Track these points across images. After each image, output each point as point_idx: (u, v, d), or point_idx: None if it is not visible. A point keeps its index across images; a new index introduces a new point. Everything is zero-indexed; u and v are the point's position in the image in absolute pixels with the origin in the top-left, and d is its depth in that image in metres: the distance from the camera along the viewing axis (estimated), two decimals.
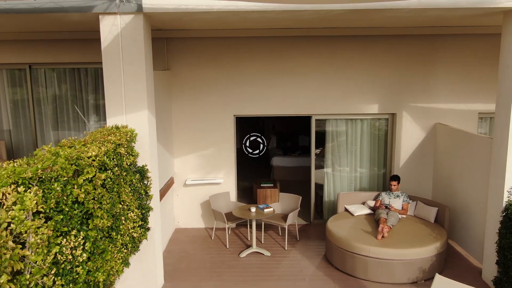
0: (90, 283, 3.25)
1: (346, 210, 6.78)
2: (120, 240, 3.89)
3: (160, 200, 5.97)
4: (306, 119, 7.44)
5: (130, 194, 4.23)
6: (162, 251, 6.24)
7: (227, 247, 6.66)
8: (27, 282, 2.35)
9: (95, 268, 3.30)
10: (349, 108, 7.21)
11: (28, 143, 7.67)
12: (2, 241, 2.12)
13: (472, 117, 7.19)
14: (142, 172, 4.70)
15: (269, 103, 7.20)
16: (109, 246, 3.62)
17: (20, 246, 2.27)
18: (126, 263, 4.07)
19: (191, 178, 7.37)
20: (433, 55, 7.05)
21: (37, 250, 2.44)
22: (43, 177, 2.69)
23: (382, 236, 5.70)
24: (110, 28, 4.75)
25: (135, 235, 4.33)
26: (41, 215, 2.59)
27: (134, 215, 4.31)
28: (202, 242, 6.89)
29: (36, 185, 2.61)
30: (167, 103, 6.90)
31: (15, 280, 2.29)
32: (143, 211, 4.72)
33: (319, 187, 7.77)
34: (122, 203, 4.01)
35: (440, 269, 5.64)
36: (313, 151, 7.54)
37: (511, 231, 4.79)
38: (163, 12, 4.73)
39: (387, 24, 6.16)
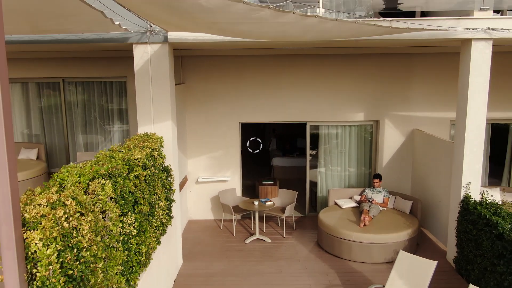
0: (138, 252, 4.39)
1: (336, 203, 7.92)
2: (154, 223, 5.03)
3: None
4: (302, 125, 8.60)
5: (160, 188, 5.38)
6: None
7: (234, 235, 7.81)
8: (107, 243, 3.49)
9: (140, 241, 4.45)
10: (338, 116, 8.36)
11: (61, 146, 8.83)
12: (96, 215, 3.26)
13: (445, 123, 8.32)
14: (167, 171, 5.84)
15: (269, 111, 8.34)
16: (148, 226, 4.76)
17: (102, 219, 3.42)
18: (158, 242, 5.21)
19: (202, 176, 8.52)
20: (410, 70, 8.19)
21: (113, 222, 3.59)
22: (112, 173, 3.84)
23: (364, 224, 6.83)
24: (141, 54, 5.90)
25: (163, 220, 5.48)
26: (112, 199, 3.74)
27: (163, 205, 5.46)
28: (212, 231, 8.03)
29: (107, 179, 3.76)
30: (182, 112, 8.05)
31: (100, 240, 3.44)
32: (168, 202, 5.86)
33: (313, 184, 8.91)
34: (155, 195, 5.15)
35: (412, 251, 6.77)
36: (308, 153, 8.68)
37: (465, 218, 5.94)
38: (183, 42, 5.88)
39: (370, 45, 7.30)
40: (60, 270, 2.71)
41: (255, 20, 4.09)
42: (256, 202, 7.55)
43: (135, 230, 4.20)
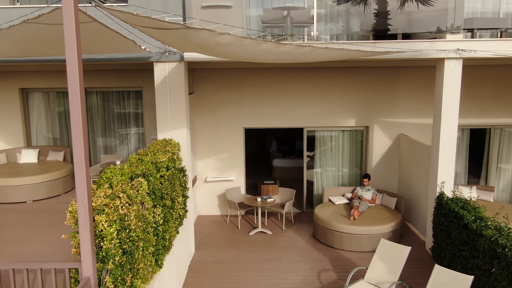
0: (163, 238, 5.36)
1: (330, 200, 8.88)
2: (174, 215, 6.00)
3: None
4: (301, 129, 9.56)
5: (178, 186, 6.34)
6: None
7: (239, 228, 8.77)
8: (144, 228, 4.46)
9: (165, 229, 5.42)
10: (332, 122, 9.32)
11: None
12: (138, 205, 4.23)
13: (428, 129, 9.28)
14: (183, 171, 6.81)
15: (270, 118, 9.30)
16: (170, 217, 5.73)
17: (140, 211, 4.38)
18: (177, 231, 6.18)
19: (210, 176, 9.49)
20: (396, 81, 9.15)
21: (148, 212, 4.56)
22: (145, 173, 4.81)
23: (354, 218, 7.80)
24: (161, 71, 6.87)
25: (180, 213, 6.44)
26: (147, 194, 4.70)
27: (181, 200, 6.42)
28: (220, 225, 9.00)
29: (143, 178, 4.73)
30: (192, 118, 9.01)
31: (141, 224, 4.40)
32: (184, 198, 6.83)
33: (310, 183, 9.87)
34: (175, 191, 6.12)
35: (396, 241, 7.72)
36: (305, 155, 9.65)
37: (439, 212, 6.90)
38: (197, 61, 6.85)
39: (360, 61, 8.26)
40: (118, 245, 3.68)
41: (259, 50, 5.07)
42: (259, 199, 8.51)
43: (161, 220, 5.17)
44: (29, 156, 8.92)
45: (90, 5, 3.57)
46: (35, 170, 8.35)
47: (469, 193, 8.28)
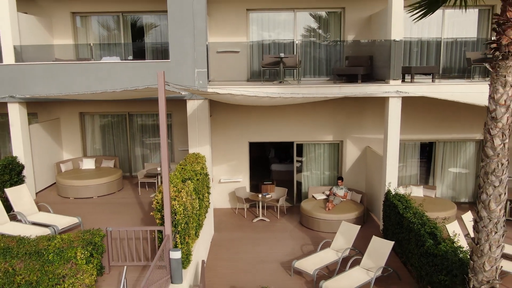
0: (198, 219, 8.37)
1: (313, 196, 11.88)
2: (203, 205, 9.00)
3: None
4: (291, 142, 12.50)
5: (205, 186, 9.35)
6: None
7: (245, 217, 11.77)
8: (192, 211, 7.47)
9: (199, 214, 8.42)
10: (315, 137, 12.31)
11: (125, 158, 12.82)
12: (189, 197, 7.24)
13: None
14: (207, 175, 9.81)
15: (268, 134, 12.29)
16: (202, 206, 8.73)
17: (197, 201, 7.40)
18: (205, 216, 9.18)
19: (223, 178, 12.48)
20: (363, 107, 12.12)
21: (193, 201, 7.57)
22: (190, 177, 7.82)
23: (328, 209, 10.79)
24: (191, 105, 9.88)
25: (206, 204, 9.45)
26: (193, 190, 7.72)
27: (207, 195, 9.43)
28: (230, 215, 11.99)
29: (191, 180, 7.75)
30: (210, 135, 12.01)
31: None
32: (208, 194, 9.83)
33: (299, 183, 12.86)
34: (203, 189, 9.12)
35: (360, 225, 10.70)
36: (295, 162, 12.64)
37: (386, 204, 9.86)
38: (216, 100, 9.86)
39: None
40: (182, 218, 6.70)
41: (260, 100, 8.10)
42: (260, 196, 11.51)
43: (198, 207, 8.18)
44: (88, 164, 11.93)
45: (167, 85, 6.59)
46: (95, 174, 11.37)
47: (405, 190, 11.30)
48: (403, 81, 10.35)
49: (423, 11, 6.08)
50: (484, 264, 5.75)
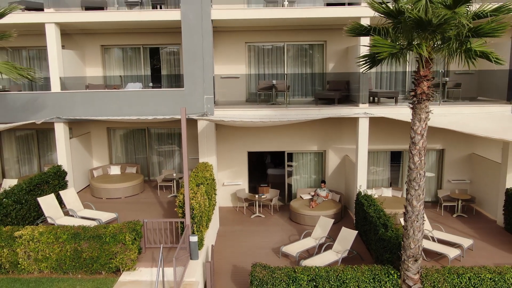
0: (208, 214, 10.87)
1: (300, 196, 14.38)
2: (211, 203, 11.49)
3: None
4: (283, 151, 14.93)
5: (213, 188, 11.85)
6: None
7: (244, 214, 14.27)
8: (204, 207, 9.98)
9: (209, 210, 10.92)
10: (303, 147, 14.81)
11: (144, 165, 15.37)
12: (203, 197, 9.75)
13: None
14: (214, 180, 12.31)
15: (263, 144, 14.79)
16: (211, 204, 11.24)
17: (207, 200, 9.91)
18: (212, 212, 11.68)
19: (226, 181, 14.99)
20: (342, 123, 14.60)
21: (204, 200, 10.09)
22: (202, 182, 10.34)
23: (312, 207, 13.29)
24: (201, 124, 12.39)
25: (214, 203, 11.95)
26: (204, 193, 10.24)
27: (214, 196, 11.93)
28: (232, 212, 14.49)
29: (203, 185, 10.26)
30: (215, 147, 14.51)
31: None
32: (215, 195, 12.33)
33: (290, 186, 15.36)
34: (212, 191, 11.62)
35: (338, 219, 13.18)
36: (286, 167, 15.14)
37: (357, 202, 12.36)
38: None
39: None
40: (198, 212, 9.22)
41: (255, 123, 10.62)
42: (257, 196, 14.02)
43: (208, 205, 10.69)
44: (115, 170, 14.46)
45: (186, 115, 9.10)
46: (122, 179, 13.88)
47: (377, 191, 13.81)
48: (372, 103, 12.88)
49: (369, 65, 8.57)
50: (410, 243, 8.25)
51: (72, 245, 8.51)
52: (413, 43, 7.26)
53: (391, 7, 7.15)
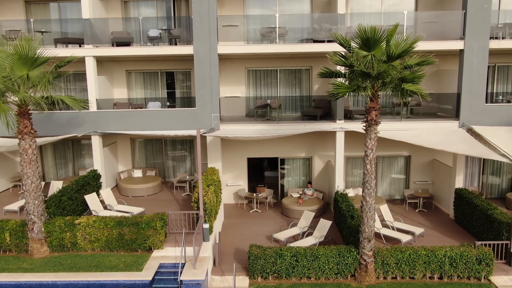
0: (216, 208, 13.90)
1: (291, 195, 17.39)
2: (218, 200, 14.50)
3: None
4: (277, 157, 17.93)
5: (219, 188, 14.87)
6: None
7: (244, 209, 17.28)
8: (214, 202, 13.00)
9: (217, 205, 13.93)
10: (293, 154, 17.80)
11: (160, 168, 18.44)
12: (211, 195, 12.78)
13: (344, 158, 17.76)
14: (219, 181, 15.32)
15: (260, 151, 17.79)
16: (218, 201, 14.25)
17: (216, 196, 12.94)
18: (219, 207, 14.70)
19: (229, 182, 18.01)
20: (325, 135, 17.56)
21: (213, 197, 13.12)
22: (211, 183, 13.37)
23: (300, 203, 16.30)
24: (210, 138, 15.41)
25: (220, 200, 14.96)
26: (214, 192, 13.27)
27: (220, 194, 14.94)
28: (234, 208, 17.50)
29: (212, 185, 13.29)
30: (221, 155, 17.53)
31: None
32: (221, 194, 15.34)
33: (282, 186, 18.38)
34: (218, 191, 14.63)
35: (321, 213, 16.17)
36: (279, 171, 18.16)
37: (335, 200, 15.36)
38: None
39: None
40: (209, 206, 12.26)
41: (253, 138, 13.67)
42: (255, 195, 17.05)
43: (215, 201, 13.70)
44: (138, 173, 17.51)
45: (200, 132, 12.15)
46: (144, 180, 16.92)
47: (351, 191, 16.85)
48: (348, 118, 15.89)
49: (334, 97, 11.56)
50: (365, 228, 11.27)
51: (117, 230, 11.55)
52: (361, 85, 10.28)
53: (345, 62, 10.18)
